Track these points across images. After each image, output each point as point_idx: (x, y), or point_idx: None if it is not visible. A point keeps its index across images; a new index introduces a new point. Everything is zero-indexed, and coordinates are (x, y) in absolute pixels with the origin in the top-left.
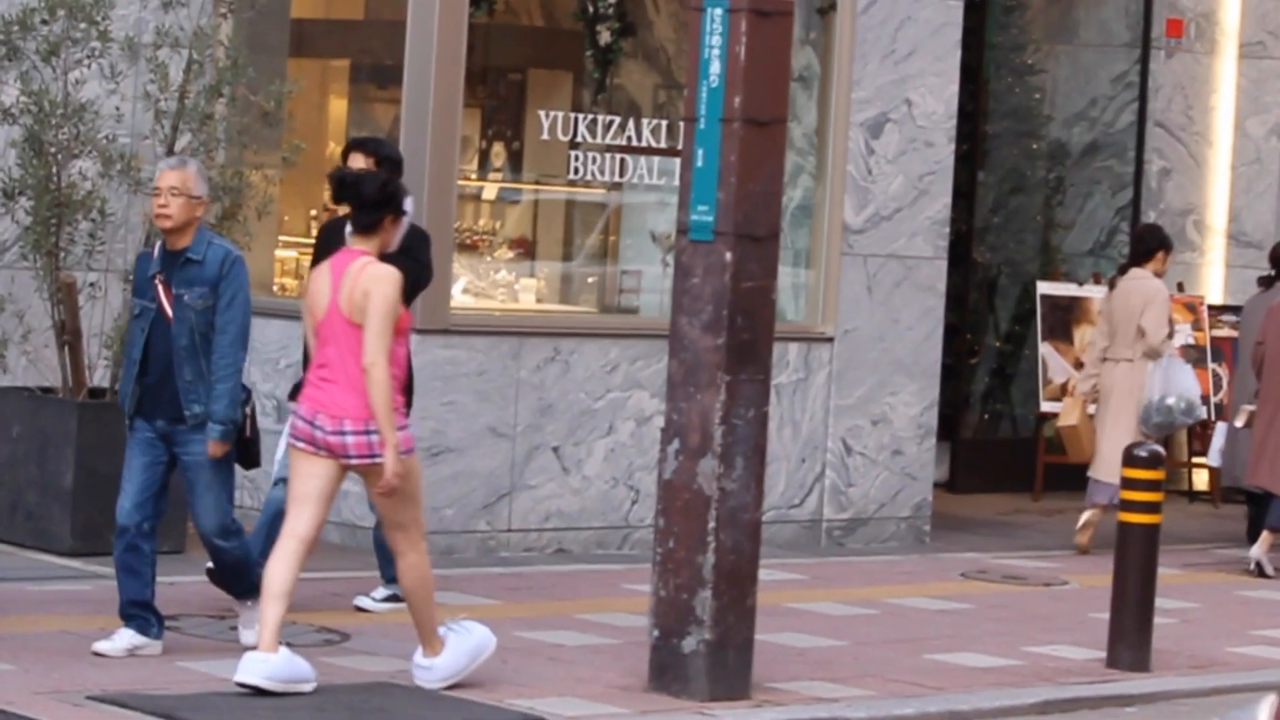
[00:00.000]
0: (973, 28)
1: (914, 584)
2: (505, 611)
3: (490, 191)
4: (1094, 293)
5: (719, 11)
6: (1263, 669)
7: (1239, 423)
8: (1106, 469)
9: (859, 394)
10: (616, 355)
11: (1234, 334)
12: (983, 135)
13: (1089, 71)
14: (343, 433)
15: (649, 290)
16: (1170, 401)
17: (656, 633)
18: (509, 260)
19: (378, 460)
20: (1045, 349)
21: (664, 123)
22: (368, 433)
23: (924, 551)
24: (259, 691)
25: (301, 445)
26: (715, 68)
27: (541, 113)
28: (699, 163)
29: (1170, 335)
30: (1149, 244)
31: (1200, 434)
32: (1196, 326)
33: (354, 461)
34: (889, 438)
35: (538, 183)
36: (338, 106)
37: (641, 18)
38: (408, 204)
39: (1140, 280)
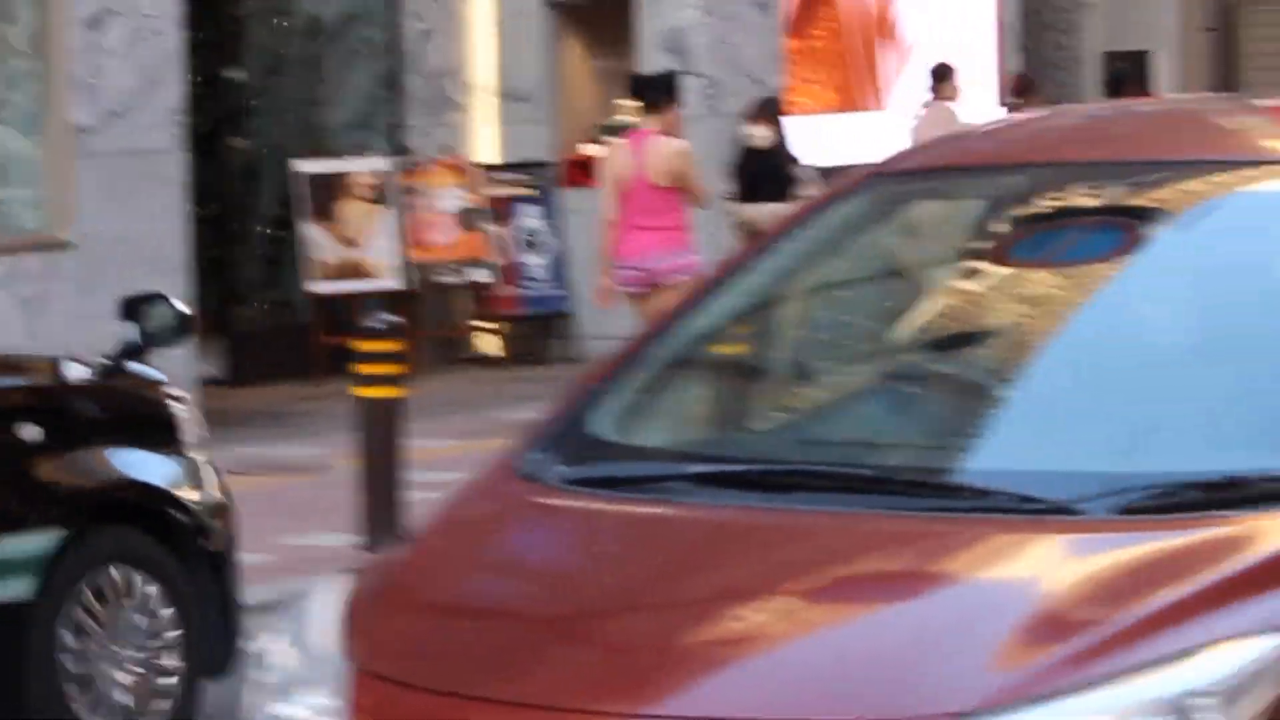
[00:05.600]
0: None
1: None
2: None
3: None
4: (356, 166)
5: None
6: None
7: None
8: None
9: (108, 300)
10: None
11: (514, 191)
12: (229, 18)
13: None
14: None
15: None
16: None
17: None
18: None
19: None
20: (310, 228)
21: None
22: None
23: None
24: None
25: (634, 290)
26: None
27: None
28: None
29: None
30: (942, 74)
31: (483, 298)
32: (468, 189)
33: (667, 280)
34: None
35: None
36: None
37: None
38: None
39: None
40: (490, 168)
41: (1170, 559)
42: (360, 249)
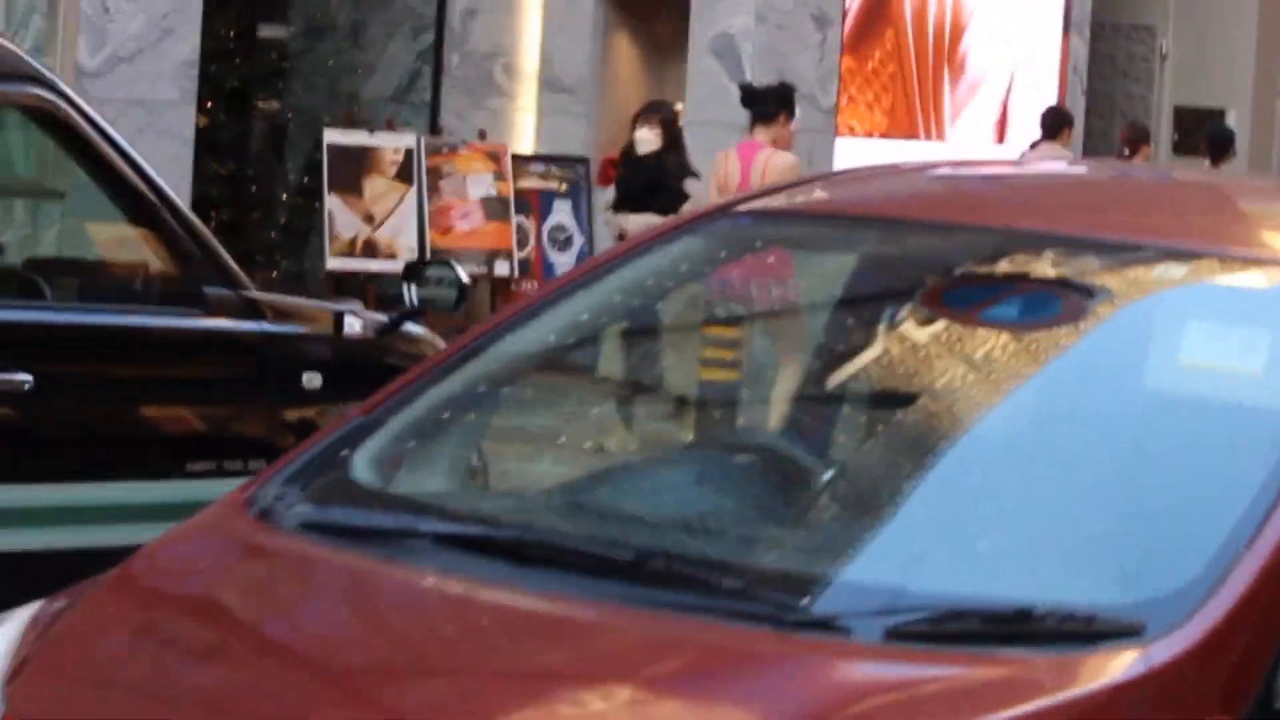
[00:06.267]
0: None
1: None
2: None
3: None
4: (385, 141)
5: None
6: None
7: None
8: None
9: None
10: None
11: (543, 185)
12: None
13: None
14: None
15: None
16: None
17: None
18: None
19: None
20: (332, 201)
21: None
22: None
23: None
24: None
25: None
26: None
27: None
28: None
29: None
30: (1057, 121)
31: (503, 290)
32: (499, 177)
33: None
34: None
35: None
36: None
37: None
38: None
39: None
40: (524, 158)
41: (932, 696)
42: (380, 227)
